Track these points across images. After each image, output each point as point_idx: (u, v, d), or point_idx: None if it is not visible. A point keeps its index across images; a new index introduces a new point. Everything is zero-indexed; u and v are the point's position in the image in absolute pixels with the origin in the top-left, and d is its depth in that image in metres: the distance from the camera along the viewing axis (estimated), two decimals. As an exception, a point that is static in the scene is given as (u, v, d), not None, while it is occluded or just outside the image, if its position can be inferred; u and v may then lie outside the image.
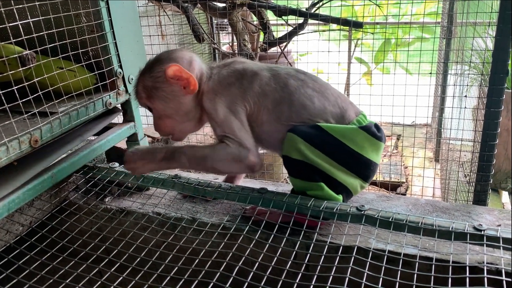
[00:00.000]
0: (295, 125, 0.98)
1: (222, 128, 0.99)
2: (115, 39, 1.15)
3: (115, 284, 0.77)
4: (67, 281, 0.79)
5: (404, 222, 0.87)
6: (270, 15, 2.29)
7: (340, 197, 0.99)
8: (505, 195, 3.02)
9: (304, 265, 0.88)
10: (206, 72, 1.06)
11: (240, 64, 1.06)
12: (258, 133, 1.03)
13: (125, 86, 1.21)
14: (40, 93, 0.91)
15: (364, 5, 2.33)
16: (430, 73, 2.00)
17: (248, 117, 1.01)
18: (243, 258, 0.82)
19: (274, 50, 2.67)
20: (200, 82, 1.03)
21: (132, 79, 1.22)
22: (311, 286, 0.73)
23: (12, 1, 0.91)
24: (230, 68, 1.05)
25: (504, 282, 0.72)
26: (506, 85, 1.27)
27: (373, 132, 1.00)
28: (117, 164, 1.20)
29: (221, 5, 2.19)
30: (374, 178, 1.07)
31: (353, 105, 1.06)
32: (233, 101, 1.00)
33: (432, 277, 0.75)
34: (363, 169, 1.00)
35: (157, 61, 1.04)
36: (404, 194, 2.79)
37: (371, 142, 0.99)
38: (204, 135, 2.55)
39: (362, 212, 0.91)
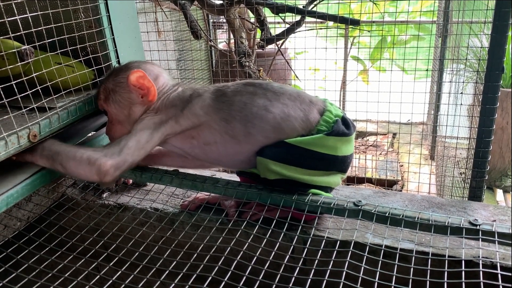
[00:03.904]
0: (263, 146, 0.97)
1: (129, 135, 0.97)
2: (113, 35, 1.15)
3: (113, 279, 0.77)
4: (66, 275, 0.79)
5: (400, 217, 0.88)
6: (267, 13, 2.30)
7: (329, 194, 1.02)
8: (499, 193, 3.03)
9: (302, 259, 0.89)
10: (166, 89, 1.06)
11: (190, 90, 1.05)
12: (212, 154, 1.02)
13: (123, 82, 1.21)
14: (38, 88, 0.91)
15: (361, 2, 2.34)
16: (427, 70, 2.01)
17: (185, 133, 1.00)
18: (241, 252, 0.82)
19: (271, 47, 2.68)
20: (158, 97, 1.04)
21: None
22: (309, 280, 0.74)
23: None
24: (179, 92, 1.05)
25: (500, 275, 0.73)
26: (501, 83, 1.28)
27: (343, 132, 0.98)
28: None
29: (218, 2, 2.18)
30: (370, 176, 1.08)
31: (314, 102, 1.02)
32: (165, 120, 0.99)
33: (428, 271, 0.76)
34: (340, 165, 1.01)
35: (125, 67, 1.07)
36: (400, 191, 2.80)
37: (343, 141, 0.98)
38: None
39: (359, 207, 0.92)
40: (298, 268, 0.77)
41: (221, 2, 2.13)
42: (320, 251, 0.84)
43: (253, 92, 1.00)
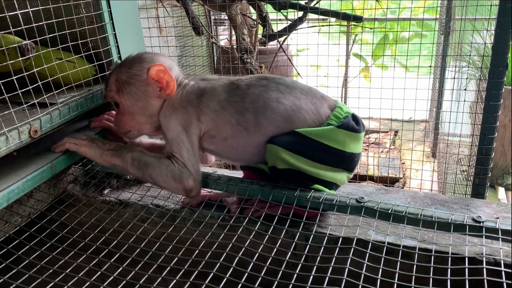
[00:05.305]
0: (273, 136, 0.97)
1: (171, 146, 0.99)
2: (114, 31, 1.14)
3: (114, 275, 0.77)
4: (67, 271, 0.79)
5: (403, 213, 0.87)
6: (268, 9, 2.29)
7: (333, 191, 1.01)
8: (501, 191, 3.03)
9: (304, 256, 0.88)
10: (178, 83, 1.06)
11: (204, 82, 1.05)
12: (225, 149, 1.03)
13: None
14: (39, 83, 0.91)
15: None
16: (430, 66, 2.00)
17: (207, 133, 1.01)
18: (243, 249, 0.82)
19: (273, 44, 2.67)
20: None
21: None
22: (311, 277, 0.73)
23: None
24: (193, 86, 1.05)
25: (503, 273, 0.72)
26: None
27: (352, 127, 0.98)
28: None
29: (220, -2, 2.18)
30: (371, 173, 1.07)
31: (325, 98, 1.03)
32: (189, 120, 1.00)
33: (431, 268, 0.75)
34: (348, 163, 1.00)
35: (138, 59, 1.06)
36: (402, 188, 2.79)
37: (352, 137, 0.99)
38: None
39: (362, 204, 0.91)
40: (300, 265, 0.76)
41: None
42: (322, 248, 0.84)
43: (266, 85, 1.01)
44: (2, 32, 0.94)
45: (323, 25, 2.62)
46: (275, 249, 0.81)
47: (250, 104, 0.98)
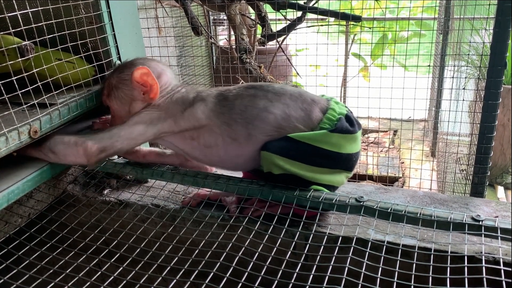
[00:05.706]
0: (266, 142, 0.97)
1: (123, 124, 0.99)
2: (113, 31, 1.14)
3: (114, 275, 0.77)
4: (67, 272, 0.79)
5: (403, 212, 0.88)
6: (267, 9, 2.29)
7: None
8: (500, 190, 3.03)
9: (304, 255, 0.89)
10: (169, 89, 1.07)
11: (194, 92, 1.05)
12: (212, 158, 1.03)
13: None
14: (39, 84, 0.91)
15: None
16: (429, 66, 2.00)
17: (184, 134, 1.01)
18: (243, 248, 0.82)
19: (272, 44, 2.67)
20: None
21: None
22: (311, 276, 0.73)
23: (10, -8, 0.90)
24: (183, 94, 1.05)
25: (502, 271, 0.72)
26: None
27: (346, 129, 0.97)
28: (115, 157, 1.20)
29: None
30: (370, 173, 1.07)
31: (317, 101, 1.01)
32: (163, 119, 1.00)
33: (431, 267, 0.76)
34: (346, 163, 0.99)
35: (130, 64, 1.07)
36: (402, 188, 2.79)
37: (347, 138, 0.97)
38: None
39: (361, 203, 0.91)
40: (300, 264, 0.76)
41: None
42: (322, 247, 0.84)
43: (254, 95, 1.00)
44: (2, 33, 0.94)
45: (322, 25, 2.62)
46: (275, 248, 0.81)
47: (238, 115, 0.98)
